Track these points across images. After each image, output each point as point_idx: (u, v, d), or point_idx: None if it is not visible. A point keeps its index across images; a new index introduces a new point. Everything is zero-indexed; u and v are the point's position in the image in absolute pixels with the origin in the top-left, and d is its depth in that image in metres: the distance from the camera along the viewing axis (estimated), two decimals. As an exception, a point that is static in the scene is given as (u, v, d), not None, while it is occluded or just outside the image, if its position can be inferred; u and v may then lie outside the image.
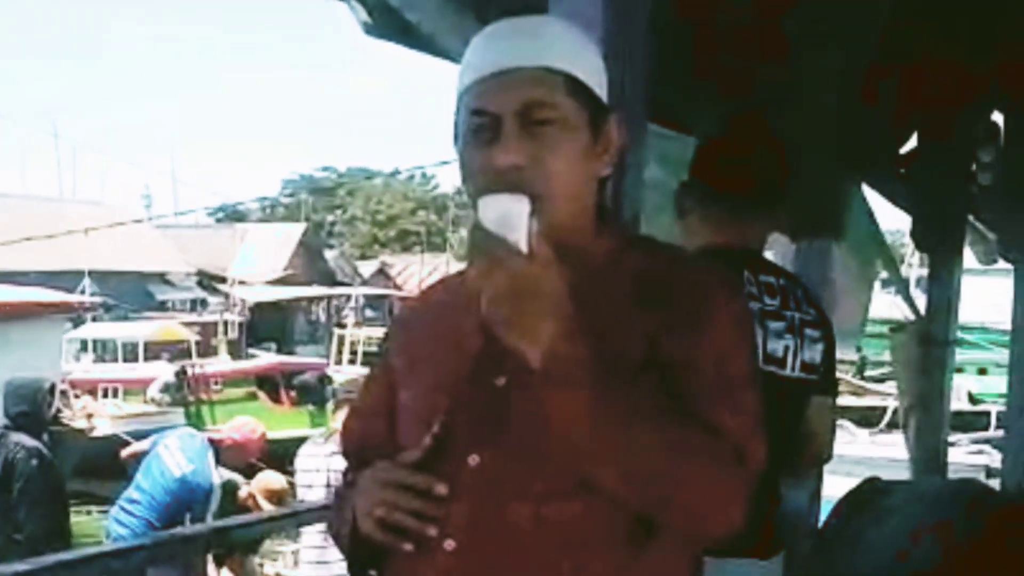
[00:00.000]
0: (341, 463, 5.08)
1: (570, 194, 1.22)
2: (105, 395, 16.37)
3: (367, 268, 38.67)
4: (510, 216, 1.06)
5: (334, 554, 4.39)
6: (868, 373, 18.05)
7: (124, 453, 5.87)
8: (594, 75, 1.24)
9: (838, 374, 2.28)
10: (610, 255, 1.27)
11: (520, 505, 1.17)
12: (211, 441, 5.23)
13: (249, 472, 5.70)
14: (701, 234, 2.07)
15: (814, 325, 2.07)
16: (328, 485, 4.42)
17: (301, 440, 5.42)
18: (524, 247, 1.04)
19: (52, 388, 5.87)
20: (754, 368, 1.26)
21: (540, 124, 1.19)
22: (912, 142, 3.39)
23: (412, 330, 1.39)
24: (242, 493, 5.48)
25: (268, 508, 5.21)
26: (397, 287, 35.77)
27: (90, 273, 22.28)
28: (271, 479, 5.82)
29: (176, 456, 5.09)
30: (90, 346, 19.57)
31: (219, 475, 5.18)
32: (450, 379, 1.25)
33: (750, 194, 2.05)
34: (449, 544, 1.18)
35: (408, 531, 1.20)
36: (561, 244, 1.11)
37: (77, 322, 19.05)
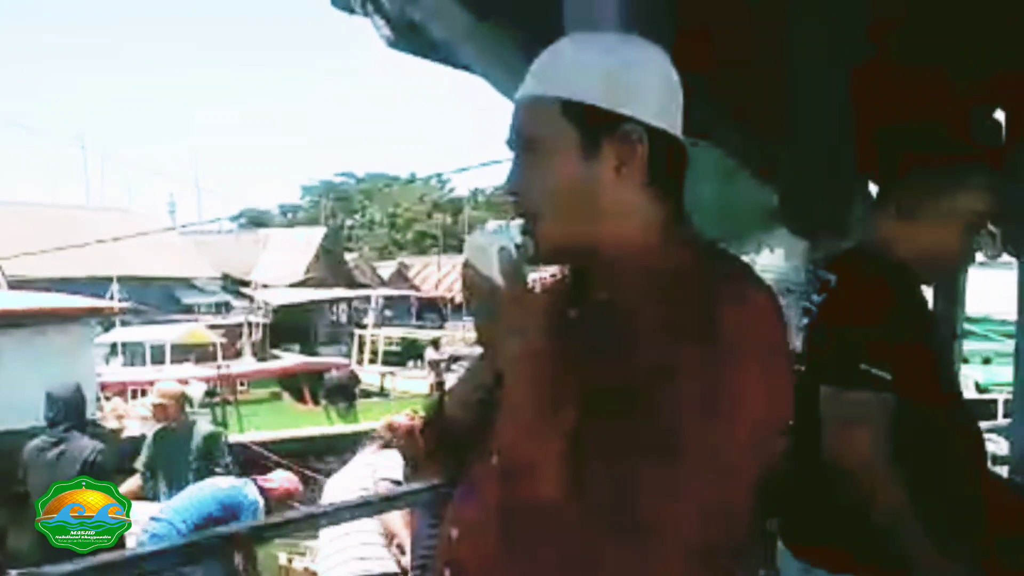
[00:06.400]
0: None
1: (573, 214, 1.22)
2: (134, 396, 16.63)
3: (386, 270, 38.82)
4: (483, 250, 1.17)
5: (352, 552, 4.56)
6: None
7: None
8: (597, 90, 1.21)
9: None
10: (671, 272, 1.21)
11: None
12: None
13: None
14: (917, 238, 2.04)
15: None
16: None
17: (322, 438, 5.41)
18: (497, 279, 1.15)
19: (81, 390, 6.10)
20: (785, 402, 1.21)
21: (530, 151, 1.24)
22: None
23: None
24: None
25: None
26: (415, 288, 35.93)
27: (118, 279, 22.57)
28: None
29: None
30: (119, 349, 19.85)
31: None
32: None
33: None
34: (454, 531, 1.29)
35: None
36: (587, 262, 1.25)
37: (107, 327, 19.36)
